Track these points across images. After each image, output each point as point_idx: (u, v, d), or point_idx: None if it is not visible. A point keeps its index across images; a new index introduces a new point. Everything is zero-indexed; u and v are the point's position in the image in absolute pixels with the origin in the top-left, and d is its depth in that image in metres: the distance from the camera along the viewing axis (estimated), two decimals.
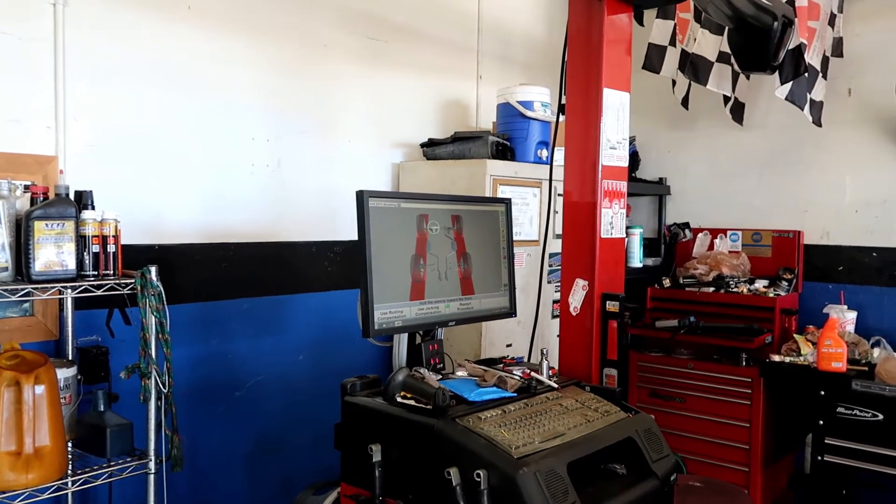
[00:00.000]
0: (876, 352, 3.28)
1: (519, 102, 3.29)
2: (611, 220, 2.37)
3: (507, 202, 2.47)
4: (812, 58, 3.35)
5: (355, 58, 3.25)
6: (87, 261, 2.10)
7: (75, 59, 2.40)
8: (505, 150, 3.27)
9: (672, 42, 3.65)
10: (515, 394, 1.97)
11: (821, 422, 3.17)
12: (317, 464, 3.00)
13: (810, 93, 3.43)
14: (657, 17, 3.67)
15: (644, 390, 3.78)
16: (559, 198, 2.63)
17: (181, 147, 2.69)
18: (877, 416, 3.04)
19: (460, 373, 2.13)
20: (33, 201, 2.04)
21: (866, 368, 3.17)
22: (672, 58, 3.65)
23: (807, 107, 3.41)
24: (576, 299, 2.36)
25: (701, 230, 4.15)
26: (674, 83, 3.82)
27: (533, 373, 2.11)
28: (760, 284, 3.78)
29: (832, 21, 3.57)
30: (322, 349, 3.14)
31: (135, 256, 2.40)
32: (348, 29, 3.22)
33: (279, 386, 3.02)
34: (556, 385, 2.08)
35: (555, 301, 3.32)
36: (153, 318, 2.19)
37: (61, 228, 2.01)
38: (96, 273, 2.12)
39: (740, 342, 3.48)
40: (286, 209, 3.02)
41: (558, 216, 3.09)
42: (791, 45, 2.97)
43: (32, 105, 2.32)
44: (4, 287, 1.93)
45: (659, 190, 4.34)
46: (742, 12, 2.53)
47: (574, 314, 2.37)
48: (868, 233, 3.71)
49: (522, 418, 1.82)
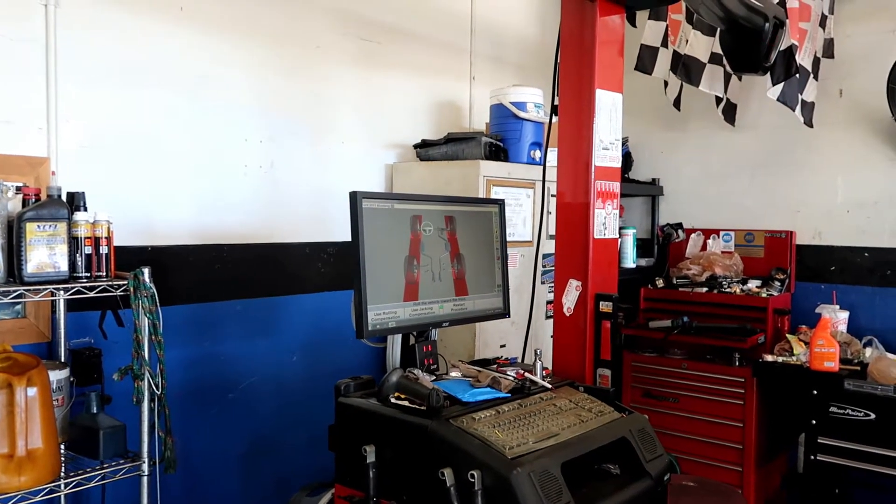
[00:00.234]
0: (868, 351, 3.29)
1: (512, 103, 3.29)
2: (604, 221, 2.37)
3: (501, 203, 2.47)
4: (803, 59, 3.36)
5: (348, 59, 3.25)
6: (80, 262, 2.09)
7: (67, 60, 2.39)
8: (498, 151, 3.27)
9: (664, 43, 3.66)
10: (509, 394, 1.97)
11: (813, 421, 3.18)
12: (311, 465, 3.00)
13: (801, 94, 3.44)
14: (649, 19, 3.68)
15: (638, 390, 3.79)
16: (552, 199, 2.63)
17: (174, 148, 2.68)
18: (869, 416, 3.05)
19: (454, 373, 2.13)
20: (25, 203, 2.03)
21: (858, 368, 3.18)
22: (664, 59, 3.66)
23: (798, 108, 3.42)
24: (569, 300, 2.37)
25: (694, 231, 4.17)
26: (666, 84, 3.83)
27: (527, 373, 2.11)
28: (753, 284, 3.80)
29: (823, 22, 3.59)
30: (316, 350, 3.14)
31: (128, 258, 2.39)
32: (341, 30, 3.22)
33: (273, 387, 3.01)
34: (550, 385, 2.09)
35: (548, 302, 3.33)
36: (146, 320, 2.18)
37: (53, 230, 2.01)
38: (89, 274, 2.11)
39: (733, 342, 3.49)
40: (279, 210, 3.02)
41: (552, 217, 3.10)
42: (782, 47, 2.99)
43: (24, 106, 2.32)
44: None
45: (652, 191, 4.35)
46: (733, 13, 2.54)
47: (568, 315, 2.37)
48: (860, 233, 3.73)
49: (516, 419, 1.82)
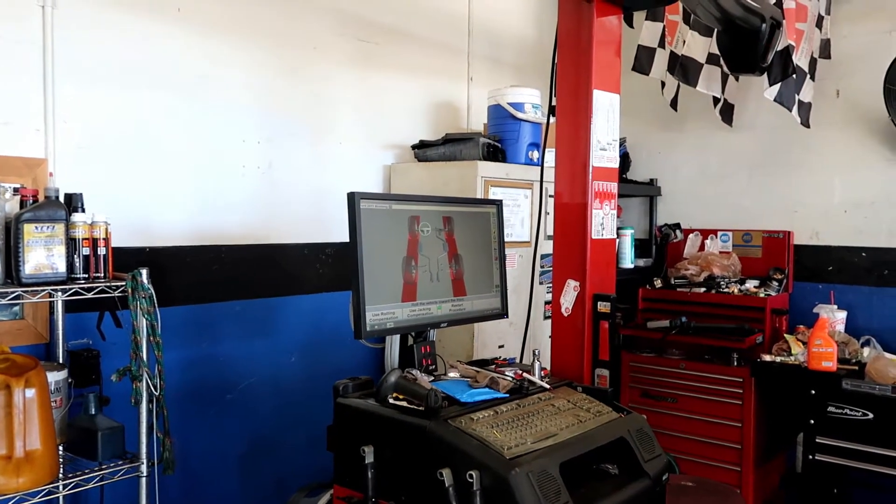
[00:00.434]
0: (866, 351, 3.29)
1: (510, 104, 3.30)
2: (601, 221, 2.37)
3: (499, 203, 2.48)
4: (800, 59, 3.37)
5: (346, 60, 3.26)
6: (78, 263, 2.09)
7: (64, 61, 2.39)
8: (496, 152, 3.27)
9: (661, 44, 3.67)
10: (507, 395, 1.97)
11: (812, 421, 3.19)
12: (309, 466, 3.00)
13: (798, 94, 3.45)
14: (646, 19, 3.69)
15: (636, 390, 3.79)
16: (550, 199, 2.63)
17: (172, 149, 2.68)
18: (867, 415, 3.05)
19: (452, 374, 2.13)
20: (23, 204, 2.04)
21: (856, 368, 3.19)
22: (661, 59, 3.67)
23: (795, 108, 3.43)
24: (567, 300, 2.37)
25: (692, 231, 4.17)
26: (663, 85, 3.84)
27: (525, 374, 2.11)
28: (751, 285, 3.80)
29: (820, 23, 3.59)
30: (314, 351, 3.14)
31: (126, 259, 2.39)
32: (339, 31, 3.22)
33: (271, 388, 3.01)
34: (548, 386, 2.09)
35: (547, 302, 3.33)
36: (144, 321, 2.18)
37: (51, 231, 2.01)
38: (87, 276, 2.11)
39: (731, 342, 3.49)
40: (277, 211, 3.02)
41: (550, 217, 3.10)
42: (779, 47, 2.99)
43: (22, 107, 2.31)
44: None
45: (650, 191, 4.35)
46: (730, 14, 2.55)
47: (566, 315, 2.37)
48: (857, 233, 3.74)
49: (514, 419, 1.82)
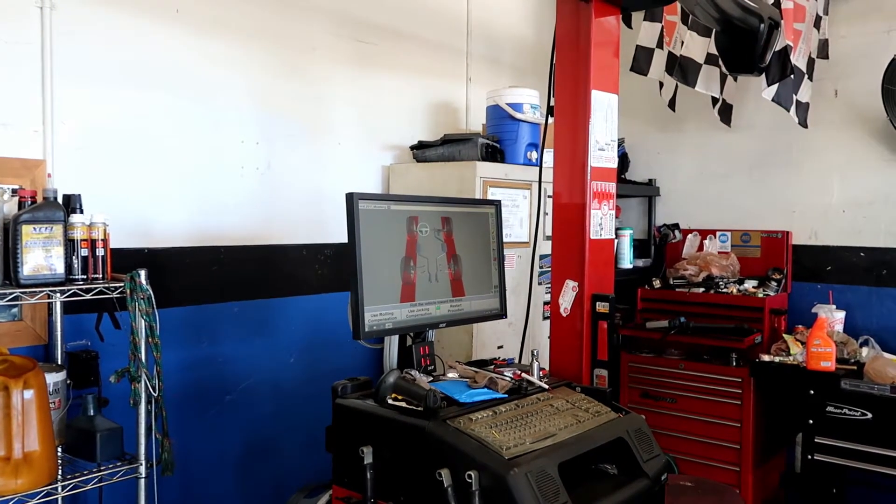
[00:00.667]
0: (864, 351, 3.29)
1: (508, 105, 3.30)
2: (600, 222, 2.38)
3: (497, 204, 2.48)
4: (798, 59, 3.37)
5: (345, 61, 3.26)
6: (76, 265, 2.09)
7: (63, 63, 2.39)
8: (495, 152, 3.27)
9: (659, 44, 3.67)
10: (506, 395, 1.97)
11: (811, 421, 3.19)
12: (308, 466, 3.00)
13: (796, 94, 3.45)
14: (644, 20, 3.69)
15: (635, 391, 3.79)
16: (549, 199, 2.63)
17: (170, 150, 2.68)
18: (866, 415, 3.06)
19: (451, 374, 2.13)
20: (21, 205, 2.03)
21: (855, 367, 3.19)
22: (659, 60, 3.67)
23: (793, 108, 3.43)
24: (566, 300, 2.37)
25: (690, 231, 4.17)
26: (661, 85, 3.84)
27: (524, 374, 2.11)
28: (750, 285, 3.80)
29: (818, 23, 3.60)
30: (313, 352, 3.14)
31: (124, 260, 2.39)
32: (337, 32, 3.22)
33: (270, 389, 3.01)
34: (547, 386, 2.09)
35: (545, 302, 3.33)
36: (143, 322, 2.18)
37: (49, 232, 2.01)
38: (85, 277, 2.11)
39: (730, 342, 3.50)
40: (276, 212, 3.02)
41: (548, 218, 3.11)
42: (777, 47, 2.99)
43: (20, 109, 2.31)
44: None
45: (648, 191, 4.36)
46: (729, 14, 2.55)
47: (564, 315, 2.37)
48: (856, 233, 3.74)
49: (513, 419, 1.82)
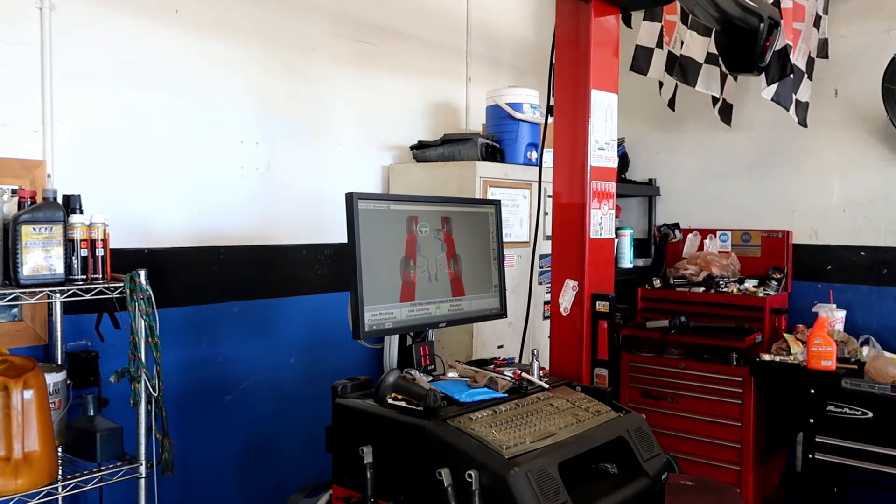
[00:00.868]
0: (865, 350, 3.29)
1: (508, 104, 3.29)
2: (600, 221, 2.37)
3: (497, 204, 2.48)
4: (797, 59, 3.37)
5: (344, 61, 3.26)
6: (76, 265, 2.09)
7: (62, 63, 2.39)
8: (494, 152, 3.27)
9: (659, 44, 3.67)
10: (506, 394, 1.97)
11: (811, 420, 3.19)
12: (308, 466, 3.00)
13: (796, 94, 3.45)
14: (644, 20, 3.69)
15: (636, 390, 3.79)
16: (549, 199, 2.63)
17: (170, 150, 2.68)
18: (867, 414, 3.05)
19: (451, 374, 2.13)
20: (21, 206, 2.03)
21: (856, 367, 3.19)
22: (659, 59, 3.67)
23: (792, 107, 3.43)
24: (566, 300, 2.37)
25: (691, 231, 4.17)
26: (661, 85, 3.84)
27: (524, 373, 2.11)
28: (750, 284, 3.80)
29: (817, 22, 3.60)
30: (313, 352, 3.14)
31: (124, 260, 2.39)
32: (337, 32, 3.22)
33: (270, 389, 3.01)
34: (547, 385, 2.09)
35: (545, 302, 3.33)
36: (143, 322, 2.18)
37: (49, 232, 2.00)
38: (85, 277, 2.11)
39: (731, 342, 3.49)
40: (276, 212, 3.02)
41: (548, 217, 3.11)
42: (777, 47, 2.99)
43: (20, 109, 2.31)
44: None
45: (649, 191, 4.35)
46: (728, 14, 2.55)
47: (564, 315, 2.37)
48: (856, 232, 3.74)
49: (513, 419, 1.82)
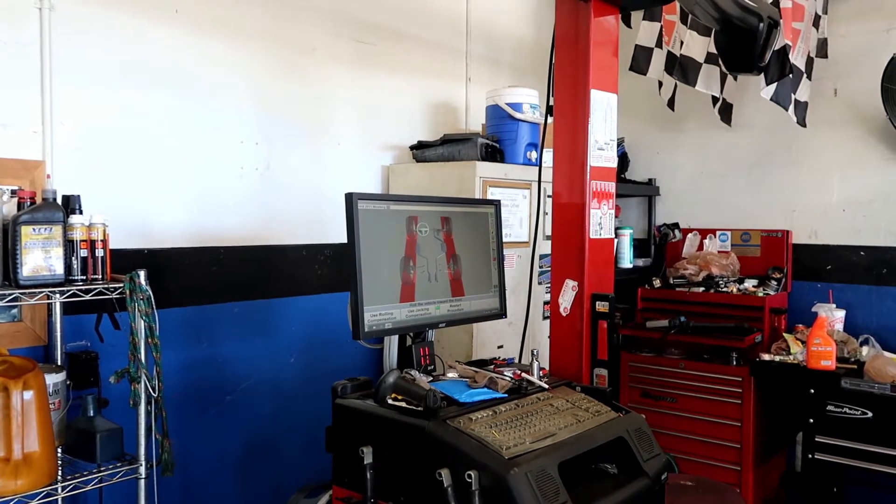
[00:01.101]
0: (865, 350, 3.29)
1: (508, 104, 3.29)
2: (599, 221, 2.37)
3: (497, 204, 2.48)
4: (796, 59, 3.37)
5: (344, 61, 3.26)
6: (76, 265, 2.09)
7: (62, 63, 2.39)
8: (494, 152, 3.27)
9: (658, 44, 3.67)
10: (506, 395, 1.97)
11: (811, 420, 3.19)
12: (308, 466, 3.00)
13: (795, 93, 3.45)
14: (643, 20, 3.70)
15: (635, 390, 3.79)
16: (549, 199, 2.63)
17: (170, 151, 2.68)
18: (866, 414, 3.06)
19: (451, 374, 2.13)
20: (20, 206, 2.03)
21: (855, 366, 3.19)
22: (658, 59, 3.67)
23: (791, 107, 3.43)
24: (566, 300, 2.37)
25: (690, 230, 4.17)
26: (660, 85, 3.84)
27: (524, 373, 2.11)
28: (750, 284, 3.80)
29: (816, 22, 3.60)
30: (313, 352, 3.14)
31: (124, 261, 2.39)
32: (337, 32, 3.22)
33: (270, 389, 3.01)
34: (547, 385, 2.09)
35: (545, 302, 3.33)
36: (142, 323, 2.18)
37: (49, 233, 2.00)
38: (84, 277, 2.11)
39: (730, 341, 3.50)
40: (276, 212, 3.02)
41: (548, 217, 3.11)
42: (776, 47, 2.99)
43: (19, 109, 2.31)
44: None
45: (648, 191, 4.35)
46: (728, 14, 2.55)
47: (564, 315, 2.37)
48: (856, 232, 3.74)
49: (513, 419, 1.82)
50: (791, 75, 3.30)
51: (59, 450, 2.16)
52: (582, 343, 2.33)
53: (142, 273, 2.16)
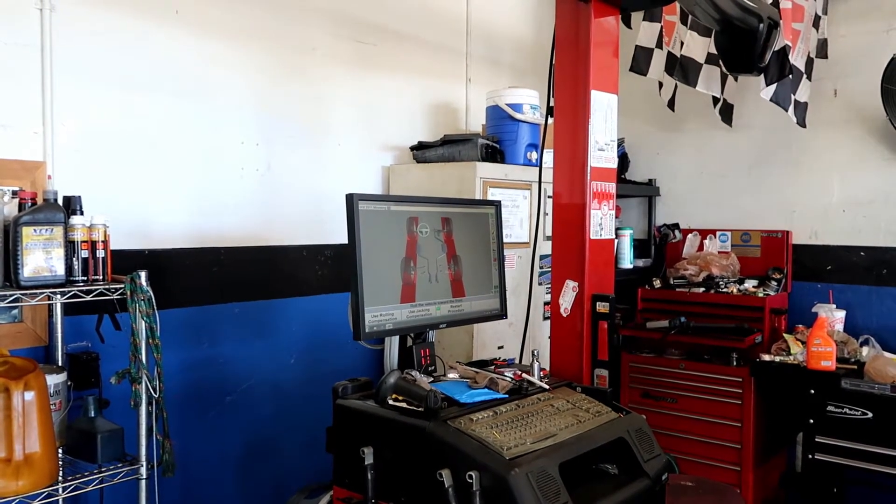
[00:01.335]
0: (865, 350, 3.29)
1: (508, 105, 3.30)
2: (600, 222, 2.38)
3: (497, 204, 2.48)
4: (796, 59, 3.38)
5: (345, 61, 3.26)
6: (77, 266, 2.09)
7: (63, 64, 2.39)
8: (494, 153, 3.27)
9: (659, 44, 3.67)
10: (507, 395, 1.97)
11: (811, 420, 3.19)
12: (309, 467, 3.00)
13: (795, 94, 3.45)
14: (644, 20, 3.69)
15: (636, 391, 3.79)
16: (549, 200, 2.63)
17: (170, 151, 2.68)
18: (866, 414, 3.06)
19: (452, 375, 2.13)
20: (21, 207, 2.04)
21: (855, 367, 3.19)
22: (659, 60, 3.67)
23: (791, 108, 3.43)
24: (566, 301, 2.37)
25: (690, 231, 4.17)
26: (660, 85, 3.84)
27: (524, 374, 2.12)
28: (750, 284, 3.80)
29: (816, 23, 3.60)
30: (313, 353, 3.14)
31: (124, 261, 2.39)
32: (337, 33, 3.22)
33: (270, 390, 3.01)
34: (548, 386, 2.09)
35: (546, 303, 3.33)
36: (143, 323, 2.18)
37: (50, 234, 2.01)
38: (85, 278, 2.11)
39: (731, 342, 3.50)
40: (276, 213, 3.02)
41: (548, 218, 3.11)
42: (776, 47, 2.99)
43: (20, 110, 2.31)
44: None
45: (648, 191, 4.36)
46: (728, 14, 2.55)
47: (564, 315, 2.37)
48: (856, 232, 3.74)
49: (514, 419, 1.82)
50: (791, 76, 3.30)
51: (60, 450, 2.16)
52: (582, 343, 2.33)
53: (143, 274, 2.17)
